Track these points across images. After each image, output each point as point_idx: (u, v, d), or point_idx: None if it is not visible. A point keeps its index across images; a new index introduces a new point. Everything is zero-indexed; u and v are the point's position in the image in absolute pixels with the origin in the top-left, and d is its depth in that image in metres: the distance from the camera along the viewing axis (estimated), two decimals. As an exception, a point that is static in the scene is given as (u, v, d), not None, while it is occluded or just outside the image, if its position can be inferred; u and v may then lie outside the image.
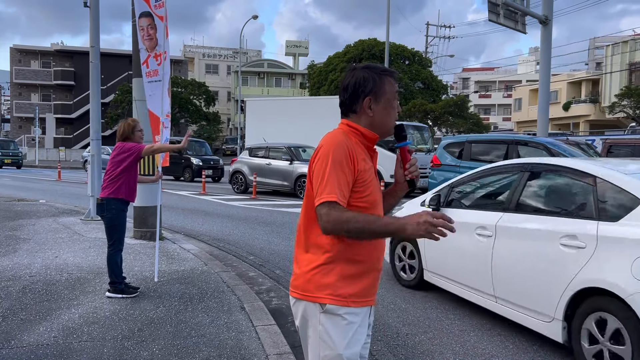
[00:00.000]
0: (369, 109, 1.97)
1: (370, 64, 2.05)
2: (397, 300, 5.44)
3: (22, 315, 4.47)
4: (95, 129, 10.51)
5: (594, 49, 56.20)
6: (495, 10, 15.34)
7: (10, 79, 51.36)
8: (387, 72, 2.01)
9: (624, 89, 34.75)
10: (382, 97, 1.97)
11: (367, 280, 1.95)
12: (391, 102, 1.99)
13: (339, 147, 1.87)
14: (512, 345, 4.25)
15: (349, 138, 1.93)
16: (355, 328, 1.91)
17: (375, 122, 1.98)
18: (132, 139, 5.12)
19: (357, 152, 1.91)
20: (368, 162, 1.96)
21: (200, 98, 45.45)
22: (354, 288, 1.91)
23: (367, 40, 39.04)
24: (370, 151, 2.02)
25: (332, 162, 1.84)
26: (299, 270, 1.96)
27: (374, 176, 1.98)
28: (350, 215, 1.80)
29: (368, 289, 1.96)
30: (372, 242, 1.94)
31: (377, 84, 1.97)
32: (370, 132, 1.98)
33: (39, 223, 9.42)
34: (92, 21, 10.40)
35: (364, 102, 1.96)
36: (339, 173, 1.84)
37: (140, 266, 6.32)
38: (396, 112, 2.03)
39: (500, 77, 66.85)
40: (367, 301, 1.97)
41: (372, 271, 1.97)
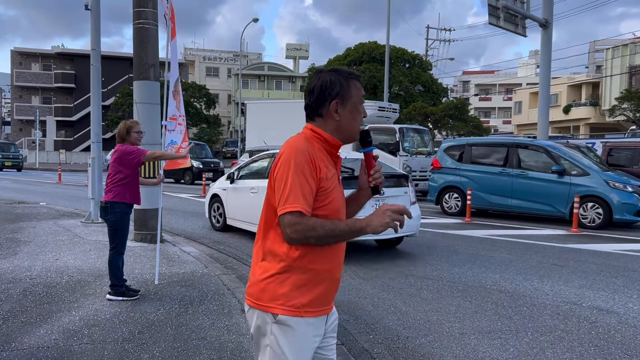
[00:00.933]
0: (335, 113, 1.94)
1: (337, 67, 2.03)
2: (397, 303, 5.44)
3: (23, 317, 4.48)
4: (95, 132, 10.53)
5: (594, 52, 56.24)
6: (496, 13, 15.36)
7: (11, 82, 51.39)
8: (353, 76, 1.99)
9: (624, 92, 34.78)
10: (348, 100, 1.94)
11: (322, 289, 1.91)
12: (357, 107, 1.97)
13: (301, 153, 1.83)
14: (513, 349, 4.25)
15: (312, 144, 1.90)
16: (307, 339, 1.89)
17: (342, 126, 1.95)
18: (128, 140, 5.11)
19: (320, 159, 1.87)
20: (331, 169, 1.92)
21: (201, 101, 45.51)
22: (307, 298, 1.87)
23: (367, 43, 39.07)
24: (333, 157, 1.98)
25: (295, 169, 1.80)
26: (254, 278, 1.93)
27: (337, 183, 1.94)
28: (316, 223, 1.78)
29: (323, 299, 1.93)
30: (329, 251, 1.90)
31: (344, 87, 1.94)
32: (334, 138, 1.95)
33: (40, 225, 9.42)
34: (93, 24, 10.43)
35: (330, 105, 1.93)
36: (302, 181, 1.80)
37: (140, 269, 6.33)
38: (362, 116, 1.99)
39: (500, 80, 66.89)
40: (322, 310, 1.94)
41: (327, 280, 1.92)
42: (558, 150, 11.72)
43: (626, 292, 6.02)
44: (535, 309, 5.32)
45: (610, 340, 4.46)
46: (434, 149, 17.74)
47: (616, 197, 10.64)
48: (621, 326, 4.83)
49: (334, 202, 1.90)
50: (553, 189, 11.32)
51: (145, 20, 7.97)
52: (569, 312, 5.21)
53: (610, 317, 5.08)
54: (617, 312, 5.26)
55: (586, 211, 10.90)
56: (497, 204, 12.34)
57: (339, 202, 1.93)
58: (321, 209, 1.86)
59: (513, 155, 12.17)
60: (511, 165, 12.12)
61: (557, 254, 8.12)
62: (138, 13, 7.98)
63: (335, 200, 1.90)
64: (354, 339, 4.36)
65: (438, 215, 12.97)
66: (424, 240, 9.13)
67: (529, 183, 11.71)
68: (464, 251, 8.25)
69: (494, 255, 7.99)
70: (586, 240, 9.53)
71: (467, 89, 69.44)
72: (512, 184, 11.98)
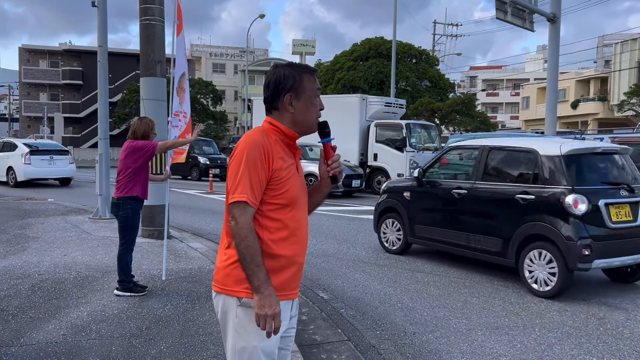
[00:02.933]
0: (289, 106, 2.03)
1: (293, 62, 2.14)
2: (404, 299, 5.43)
3: (32, 313, 4.51)
4: (103, 128, 10.56)
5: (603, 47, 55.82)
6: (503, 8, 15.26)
7: (19, 79, 51.64)
8: (307, 70, 2.07)
9: (633, 87, 34.49)
10: (302, 94, 2.03)
11: (285, 274, 1.99)
12: (312, 99, 2.05)
13: (254, 146, 1.93)
14: (520, 345, 4.24)
15: (268, 136, 1.99)
16: None
17: (297, 118, 2.04)
18: (151, 139, 5.16)
19: (275, 151, 1.96)
20: (287, 160, 2.01)
21: (207, 97, 45.52)
22: (272, 282, 1.93)
23: (374, 38, 38.91)
24: (291, 149, 2.07)
25: (246, 161, 1.91)
26: (219, 264, 2.03)
27: (293, 173, 2.02)
28: (249, 238, 1.88)
29: (287, 283, 2.00)
30: (293, 238, 2.00)
31: (297, 81, 2.03)
32: (290, 130, 2.04)
33: (48, 222, 9.48)
34: (99, 21, 10.45)
35: (284, 99, 2.02)
36: (252, 172, 1.90)
37: (148, 265, 6.35)
38: (318, 109, 2.08)
39: (507, 75, 66.50)
40: (287, 295, 2.01)
41: (291, 265, 2.01)
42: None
43: (634, 288, 5.99)
44: (543, 305, 5.29)
45: (618, 337, 4.44)
46: (441, 145, 17.69)
47: (625, 192, 10.55)
48: (630, 322, 4.81)
49: (290, 191, 1.99)
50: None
51: (152, 17, 7.98)
52: (577, 309, 5.19)
53: (618, 314, 5.05)
54: (626, 308, 5.24)
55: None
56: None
57: (296, 191, 2.02)
58: (277, 197, 1.97)
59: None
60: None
61: (564, 250, 8.07)
62: (144, 9, 7.98)
63: (292, 189, 2.00)
64: (360, 335, 4.36)
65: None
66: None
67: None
68: (471, 247, 8.21)
69: (501, 251, 7.94)
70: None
71: (474, 84, 69.12)
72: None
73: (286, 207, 1.98)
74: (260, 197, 1.94)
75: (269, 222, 1.97)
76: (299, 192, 2.04)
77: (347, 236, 9.00)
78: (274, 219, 1.97)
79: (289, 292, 2.02)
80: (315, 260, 7.13)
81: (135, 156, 5.02)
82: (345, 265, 6.92)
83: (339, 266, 6.87)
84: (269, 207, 1.97)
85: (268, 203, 1.96)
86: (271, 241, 1.95)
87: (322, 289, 5.76)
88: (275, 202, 1.97)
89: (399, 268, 6.79)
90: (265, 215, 1.97)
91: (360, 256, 7.49)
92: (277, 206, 1.97)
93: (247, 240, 1.88)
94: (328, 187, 2.20)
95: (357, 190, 16.28)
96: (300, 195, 2.05)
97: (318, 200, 2.23)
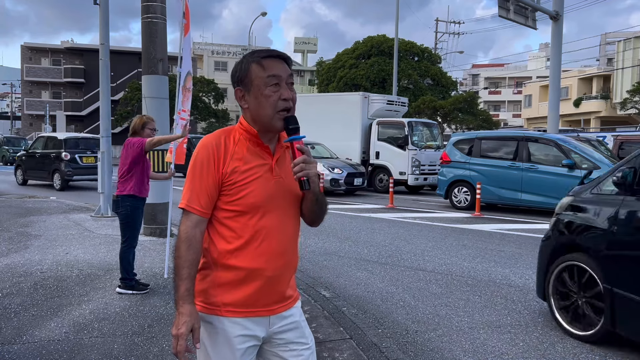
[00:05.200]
0: (242, 101, 1.80)
1: (257, 49, 1.85)
2: (406, 297, 5.43)
3: (34, 311, 4.51)
4: (105, 127, 10.57)
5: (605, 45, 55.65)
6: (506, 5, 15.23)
7: (21, 77, 51.68)
8: (259, 55, 1.79)
9: (636, 85, 34.41)
10: (250, 85, 1.77)
11: (246, 289, 1.77)
12: (262, 90, 1.74)
13: (202, 148, 1.77)
14: (522, 343, 4.23)
15: (230, 136, 1.80)
16: (230, 338, 1.78)
17: (253, 115, 1.79)
18: (140, 135, 5.15)
19: (231, 152, 1.76)
20: (251, 162, 1.77)
21: (209, 95, 45.54)
22: (231, 297, 1.77)
23: (376, 36, 38.87)
24: (262, 147, 1.81)
25: (192, 165, 1.77)
26: None
27: (259, 176, 1.77)
28: (181, 248, 1.73)
29: (251, 299, 1.78)
30: (257, 249, 1.76)
31: (244, 71, 1.78)
32: (251, 127, 1.80)
33: (50, 220, 9.49)
34: (101, 18, 10.45)
35: (235, 93, 1.83)
36: (195, 177, 1.76)
37: (150, 263, 6.36)
38: (274, 100, 1.74)
39: (510, 73, 66.40)
40: (255, 312, 1.80)
41: (254, 279, 1.77)
42: (568, 144, 11.63)
43: (637, 286, 5.97)
44: (545, 303, 5.28)
45: (621, 335, 4.42)
46: (443, 143, 17.67)
47: (627, 191, 10.53)
48: (632, 321, 4.79)
49: (250, 197, 1.75)
50: (563, 182, 11.21)
51: (154, 15, 7.97)
52: (579, 307, 5.17)
53: (621, 312, 5.03)
54: (628, 306, 5.22)
55: (597, 205, 10.79)
56: (507, 198, 12.27)
57: (257, 196, 1.76)
58: (231, 203, 1.76)
59: (523, 148, 12.08)
60: (521, 159, 12.03)
61: (567, 248, 8.06)
62: (146, 7, 7.98)
63: (253, 194, 1.75)
64: (362, 333, 4.35)
65: (447, 209, 12.92)
66: (433, 235, 9.11)
67: (539, 177, 11.62)
68: (473, 245, 8.22)
69: (503, 249, 7.95)
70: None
71: (476, 82, 69.00)
72: (522, 178, 11.89)
73: (244, 214, 1.75)
74: (207, 202, 1.76)
75: (225, 231, 1.77)
76: (267, 197, 1.77)
77: (349, 234, 9.00)
78: (231, 227, 1.76)
79: (257, 308, 1.80)
80: (317, 259, 7.13)
81: (126, 153, 5.04)
82: (347, 264, 6.92)
83: (340, 264, 6.87)
84: (225, 213, 1.77)
85: (223, 209, 1.77)
86: (227, 252, 1.76)
87: (324, 287, 5.76)
88: (230, 209, 1.76)
89: (400, 266, 6.78)
90: (221, 223, 1.78)
91: (362, 254, 7.48)
92: (233, 213, 1.76)
93: (178, 250, 1.73)
94: (307, 193, 1.82)
95: (359, 188, 16.27)
96: (269, 200, 1.77)
97: (307, 206, 1.88)
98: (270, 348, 1.88)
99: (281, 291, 1.85)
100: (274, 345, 1.88)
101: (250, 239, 1.76)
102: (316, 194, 1.81)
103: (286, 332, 1.88)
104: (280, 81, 1.76)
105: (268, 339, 1.86)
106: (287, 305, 1.88)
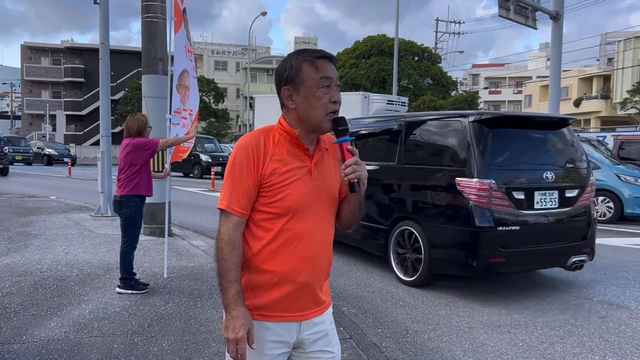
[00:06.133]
0: (290, 101, 1.77)
1: (305, 49, 1.82)
2: (405, 297, 5.42)
3: (34, 310, 4.51)
4: (105, 126, 10.58)
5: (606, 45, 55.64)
6: (506, 5, 15.23)
7: (21, 76, 51.71)
8: (312, 55, 1.76)
9: (636, 84, 34.42)
10: (300, 85, 1.73)
11: (276, 293, 1.76)
12: (313, 91, 1.72)
13: (241, 148, 1.74)
14: (522, 343, 4.23)
15: (269, 136, 1.77)
16: (261, 343, 1.75)
17: (300, 115, 1.76)
18: (143, 135, 5.15)
19: (271, 152, 1.74)
20: (290, 163, 1.75)
21: (209, 95, 45.56)
22: (262, 300, 1.76)
23: (376, 36, 38.89)
24: (302, 150, 1.78)
25: (231, 166, 1.75)
26: None
27: (297, 178, 1.75)
28: (224, 250, 1.71)
29: (282, 304, 1.76)
30: (289, 252, 1.74)
31: (294, 70, 1.75)
32: (292, 129, 1.77)
33: (50, 219, 9.49)
34: (101, 18, 10.45)
35: (282, 93, 1.79)
36: (234, 178, 1.74)
37: (149, 262, 6.36)
38: (325, 102, 1.73)
39: (510, 73, 66.38)
40: (287, 317, 1.78)
41: (285, 284, 1.75)
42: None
43: (637, 286, 5.97)
44: (545, 303, 5.29)
45: (621, 335, 4.43)
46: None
47: (627, 191, 10.55)
48: (632, 321, 4.80)
49: (287, 199, 1.73)
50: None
51: (154, 14, 7.97)
52: (579, 307, 5.18)
53: (621, 312, 5.04)
54: (628, 306, 5.22)
55: (597, 205, 10.81)
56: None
57: (295, 199, 1.74)
58: (269, 205, 1.74)
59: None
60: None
61: (567, 248, 8.06)
62: (146, 7, 7.98)
63: (290, 197, 1.73)
64: (362, 333, 4.35)
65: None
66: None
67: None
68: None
69: (503, 249, 7.93)
70: (597, 234, 9.44)
71: (476, 82, 69.01)
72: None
73: (281, 216, 1.73)
74: (247, 203, 1.74)
75: (261, 233, 1.75)
76: (304, 200, 1.75)
77: (349, 234, 9.00)
78: (267, 229, 1.74)
79: (284, 313, 1.77)
80: (317, 258, 7.12)
81: (138, 154, 5.02)
82: (347, 263, 6.91)
83: (340, 264, 6.86)
84: (261, 215, 1.75)
85: (260, 211, 1.75)
86: (261, 254, 1.75)
87: (323, 286, 5.75)
88: (267, 211, 1.74)
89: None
90: (257, 225, 1.76)
91: (361, 254, 7.48)
92: (270, 215, 1.74)
93: (222, 252, 1.71)
94: (353, 197, 1.82)
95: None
96: (306, 204, 1.76)
97: (349, 210, 1.87)
98: (295, 354, 1.86)
99: (313, 296, 1.82)
100: (300, 352, 1.86)
101: (285, 242, 1.74)
102: (361, 196, 1.81)
103: (314, 341, 1.85)
104: (331, 83, 1.75)
105: (296, 344, 1.84)
106: (319, 311, 1.86)
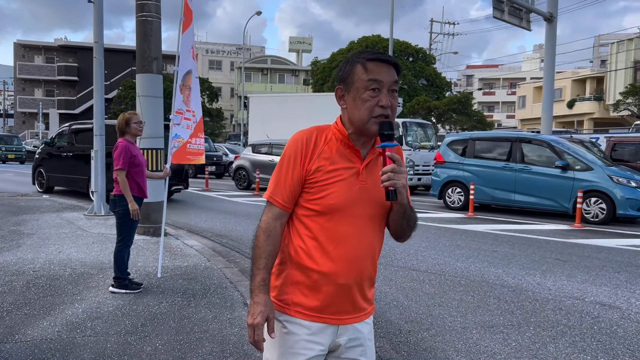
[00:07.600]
0: (342, 101, 1.78)
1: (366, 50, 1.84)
2: (399, 297, 5.44)
3: (26, 310, 4.49)
4: (98, 125, 10.52)
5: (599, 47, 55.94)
6: (500, 7, 15.28)
7: (14, 74, 51.42)
8: (365, 57, 1.74)
9: (629, 86, 34.63)
10: (350, 86, 1.74)
11: (317, 292, 1.75)
12: (360, 93, 1.71)
13: (293, 142, 1.76)
14: (515, 343, 4.25)
15: (320, 134, 1.77)
16: (296, 340, 1.75)
17: (349, 115, 1.76)
18: (129, 132, 5.09)
19: (319, 150, 1.74)
20: (337, 163, 1.74)
21: (204, 94, 45.42)
22: (301, 298, 1.76)
23: (370, 36, 38.94)
24: (352, 150, 1.77)
25: (281, 158, 1.78)
26: None
27: (343, 178, 1.73)
28: (260, 238, 1.74)
29: (322, 304, 1.75)
30: (326, 252, 1.73)
31: (347, 71, 1.76)
32: (344, 129, 1.77)
33: (43, 218, 9.45)
34: (95, 16, 10.41)
35: (336, 92, 1.81)
36: (282, 170, 1.76)
37: (143, 262, 6.34)
38: (371, 105, 1.70)
39: (504, 74, 66.62)
40: (321, 317, 1.76)
41: (324, 285, 1.74)
42: (562, 145, 11.69)
43: (629, 287, 6.01)
44: (538, 303, 5.31)
45: (612, 336, 4.46)
46: (437, 144, 17.71)
47: (620, 192, 10.61)
48: (624, 321, 4.83)
49: (330, 198, 1.72)
50: (556, 183, 11.29)
51: (149, 13, 7.95)
52: (571, 307, 5.21)
53: (612, 313, 5.07)
54: (620, 307, 5.26)
55: (589, 206, 10.87)
56: (500, 198, 12.33)
57: (338, 199, 1.72)
58: (311, 202, 1.74)
59: (516, 149, 12.14)
60: (514, 160, 12.09)
61: (560, 249, 8.11)
62: (141, 6, 7.95)
63: (333, 196, 1.72)
64: (356, 333, 4.36)
65: (441, 209, 12.96)
66: (427, 235, 9.13)
67: (533, 178, 11.68)
68: (466, 245, 8.25)
69: (496, 249, 7.98)
70: (589, 235, 9.51)
71: (470, 83, 69.22)
72: (515, 179, 11.95)
73: (323, 215, 1.73)
74: (290, 196, 1.75)
75: (303, 229, 1.76)
76: (348, 201, 1.73)
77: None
78: (308, 226, 1.75)
79: (323, 315, 1.76)
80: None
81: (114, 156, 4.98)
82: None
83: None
84: (304, 211, 1.75)
85: (303, 207, 1.75)
86: (302, 250, 1.75)
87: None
88: (309, 207, 1.74)
89: (394, 266, 6.80)
90: (300, 221, 1.77)
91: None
92: (312, 212, 1.74)
93: (257, 239, 1.73)
94: (395, 205, 1.75)
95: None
96: (349, 205, 1.73)
97: (392, 218, 1.82)
98: (330, 358, 1.84)
99: (353, 301, 1.80)
100: (334, 356, 1.84)
101: (326, 241, 1.73)
102: (403, 206, 1.75)
103: (350, 348, 1.83)
104: (382, 87, 1.71)
105: (332, 348, 1.82)
106: (358, 317, 1.83)
